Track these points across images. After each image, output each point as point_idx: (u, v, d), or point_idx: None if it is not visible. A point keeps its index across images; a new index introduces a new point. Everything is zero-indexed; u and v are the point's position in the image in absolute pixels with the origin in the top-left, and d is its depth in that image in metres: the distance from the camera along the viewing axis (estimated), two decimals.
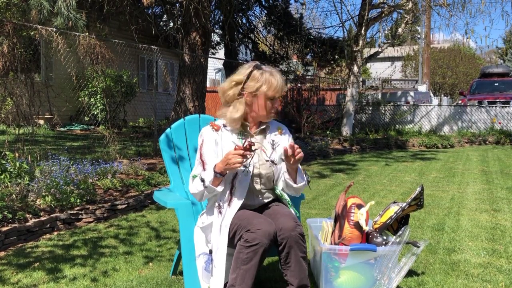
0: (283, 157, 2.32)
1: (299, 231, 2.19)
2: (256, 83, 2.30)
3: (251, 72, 2.32)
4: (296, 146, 2.21)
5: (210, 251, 2.29)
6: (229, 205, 2.26)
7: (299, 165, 2.37)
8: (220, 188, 2.22)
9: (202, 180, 2.20)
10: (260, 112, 2.34)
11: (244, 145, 2.12)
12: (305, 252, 2.22)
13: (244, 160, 2.13)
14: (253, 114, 2.36)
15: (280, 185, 2.42)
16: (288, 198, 2.41)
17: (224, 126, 2.38)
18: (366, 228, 2.45)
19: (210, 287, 2.23)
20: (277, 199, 2.44)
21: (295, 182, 2.34)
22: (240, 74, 2.34)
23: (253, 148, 2.13)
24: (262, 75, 2.31)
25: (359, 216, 2.45)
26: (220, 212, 2.27)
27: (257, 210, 2.35)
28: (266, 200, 2.39)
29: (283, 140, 2.44)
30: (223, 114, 2.37)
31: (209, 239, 2.31)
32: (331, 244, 2.56)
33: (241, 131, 2.37)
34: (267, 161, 2.36)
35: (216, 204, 2.29)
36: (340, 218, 2.57)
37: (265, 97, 2.30)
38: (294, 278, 2.18)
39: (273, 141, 2.41)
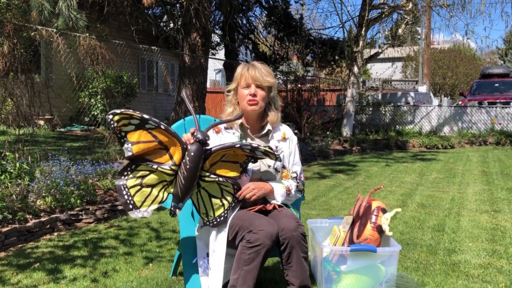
0: (284, 164, 2.40)
1: (300, 231, 2.20)
2: (235, 78, 2.41)
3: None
4: (246, 190, 2.24)
5: (207, 254, 2.28)
6: None
7: (287, 181, 2.41)
8: None
9: None
10: (241, 104, 2.37)
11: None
12: (306, 252, 2.23)
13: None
14: (242, 110, 2.37)
15: None
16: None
17: (225, 128, 2.41)
18: (389, 234, 2.47)
19: None
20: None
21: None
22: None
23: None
24: (238, 70, 2.40)
25: (384, 220, 2.48)
26: None
27: (259, 212, 2.34)
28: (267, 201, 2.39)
29: (285, 148, 2.44)
30: (223, 115, 2.44)
31: (207, 241, 2.31)
32: (346, 242, 2.58)
33: (241, 134, 2.39)
34: (269, 166, 2.36)
35: None
36: (361, 218, 2.58)
37: (241, 87, 2.36)
38: (295, 278, 2.19)
39: (276, 147, 2.40)
